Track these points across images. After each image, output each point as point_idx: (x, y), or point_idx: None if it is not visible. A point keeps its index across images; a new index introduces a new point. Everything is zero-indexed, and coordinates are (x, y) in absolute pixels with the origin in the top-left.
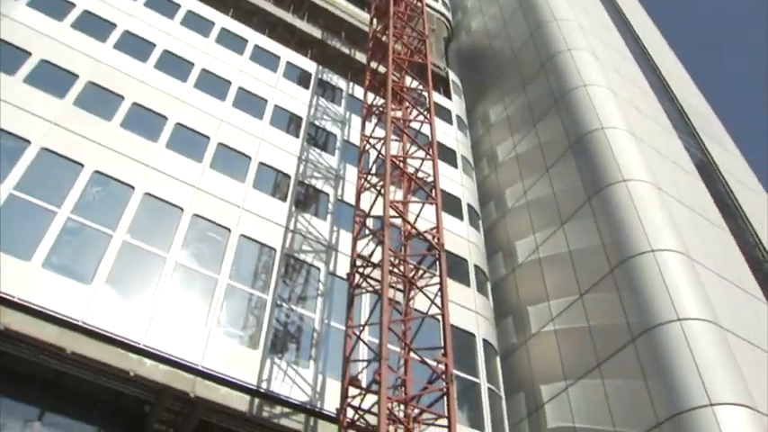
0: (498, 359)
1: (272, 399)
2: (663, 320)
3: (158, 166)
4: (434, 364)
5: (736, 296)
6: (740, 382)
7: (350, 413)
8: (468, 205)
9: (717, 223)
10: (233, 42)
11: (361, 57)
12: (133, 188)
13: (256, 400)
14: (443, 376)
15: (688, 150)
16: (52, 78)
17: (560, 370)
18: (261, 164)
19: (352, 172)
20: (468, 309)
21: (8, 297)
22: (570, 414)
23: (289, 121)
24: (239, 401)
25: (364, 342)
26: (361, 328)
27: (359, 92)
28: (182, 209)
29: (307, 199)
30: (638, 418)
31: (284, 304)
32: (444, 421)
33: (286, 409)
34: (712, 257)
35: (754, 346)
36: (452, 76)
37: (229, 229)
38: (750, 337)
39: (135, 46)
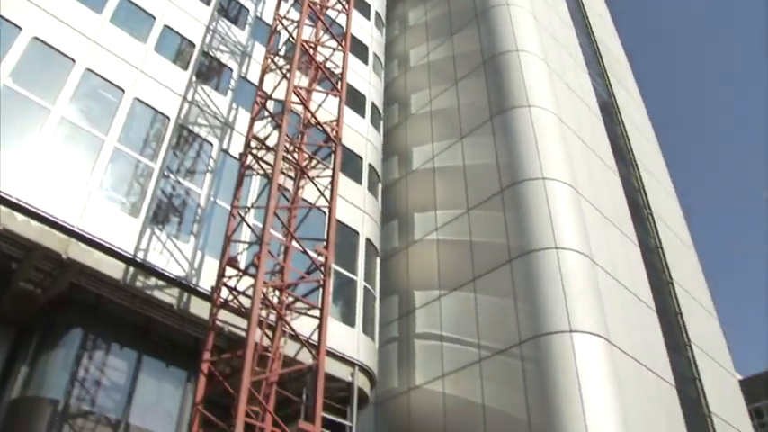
0: (378, 260)
1: (147, 269)
2: (541, 246)
3: (51, 10)
4: (315, 255)
5: (613, 236)
6: (600, 314)
7: (224, 293)
8: (372, 104)
9: (608, 164)
10: None
11: None
12: (20, 29)
13: (131, 269)
14: (322, 268)
15: (595, 89)
16: None
17: (436, 279)
18: (166, 27)
19: (259, 51)
20: (356, 206)
21: None
22: (439, 322)
23: None
24: (113, 268)
25: (248, 224)
26: (247, 209)
27: None
28: (74, 60)
29: (209, 71)
30: (503, 334)
31: (172, 176)
32: (316, 312)
33: (161, 282)
34: (597, 195)
35: (620, 285)
36: None
37: (123, 90)
38: (619, 275)
39: None
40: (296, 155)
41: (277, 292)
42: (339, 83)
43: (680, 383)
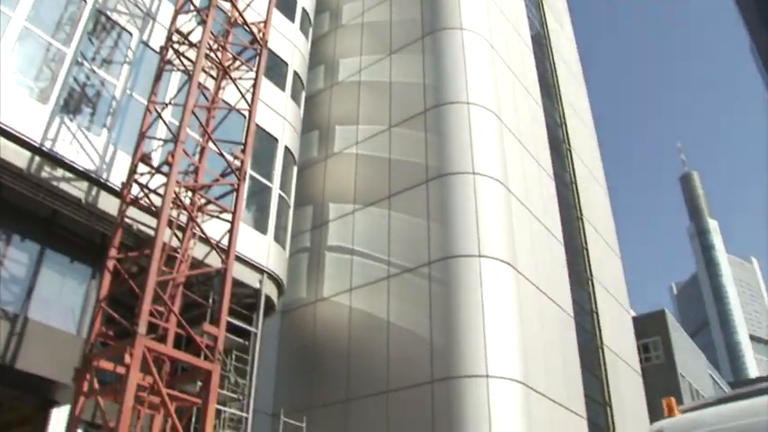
0: (295, 169)
1: (54, 160)
2: (458, 170)
3: None
4: (231, 158)
5: (530, 167)
6: (510, 242)
7: (135, 190)
8: (303, 9)
9: (534, 96)
10: None
11: None
12: None
13: (36, 158)
14: (237, 172)
15: (530, 20)
16: None
17: (352, 193)
18: None
19: None
20: (278, 113)
21: None
22: (352, 237)
23: None
24: (17, 156)
25: (164, 121)
26: (164, 106)
27: None
28: None
29: None
30: (413, 254)
31: (86, 64)
32: (228, 216)
33: (68, 174)
34: (520, 125)
35: (532, 216)
36: None
37: None
38: (532, 206)
39: None
40: (219, 54)
41: (189, 193)
42: None
43: (578, 315)
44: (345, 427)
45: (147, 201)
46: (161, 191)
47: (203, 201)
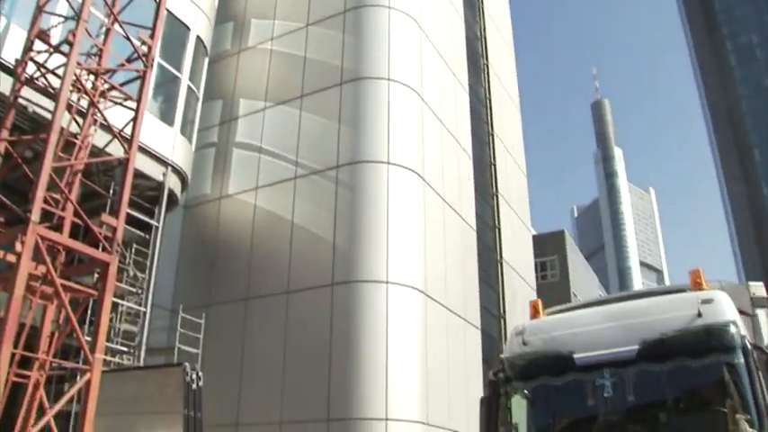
0: (206, 61)
1: None
2: (374, 75)
3: None
4: (138, 43)
5: (446, 77)
6: (420, 153)
7: (31, 68)
8: None
9: (456, 6)
10: None
11: None
12: None
13: None
14: (144, 58)
15: None
16: None
17: (264, 90)
18: None
19: None
20: (191, 0)
21: None
22: (261, 135)
23: None
24: None
25: None
26: None
27: None
28: None
29: None
30: (322, 156)
31: None
32: (133, 104)
33: None
34: (439, 35)
35: (444, 127)
36: None
37: None
38: (444, 117)
39: None
40: None
41: (91, 77)
42: None
43: (481, 229)
44: (244, 324)
45: (45, 81)
46: (60, 72)
47: (106, 86)
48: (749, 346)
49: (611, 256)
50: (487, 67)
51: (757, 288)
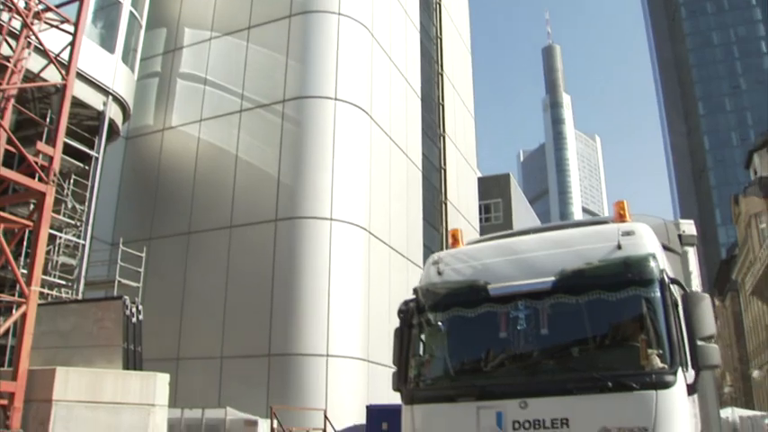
0: None
1: None
2: (323, 9)
3: None
4: None
5: (398, 15)
6: (368, 90)
7: None
8: None
9: None
10: None
11: None
12: None
13: None
14: None
15: None
16: None
17: (210, 19)
18: None
19: None
20: None
21: None
22: (206, 66)
23: None
24: None
25: None
26: None
27: None
28: None
29: None
30: (268, 90)
31: None
32: (70, 28)
33: None
34: None
35: (393, 65)
36: None
37: None
38: (394, 55)
39: None
40: None
41: None
42: None
43: (427, 170)
44: (186, 259)
45: None
46: None
47: (41, 6)
48: (667, 280)
49: (555, 202)
50: (439, 5)
51: (687, 226)
